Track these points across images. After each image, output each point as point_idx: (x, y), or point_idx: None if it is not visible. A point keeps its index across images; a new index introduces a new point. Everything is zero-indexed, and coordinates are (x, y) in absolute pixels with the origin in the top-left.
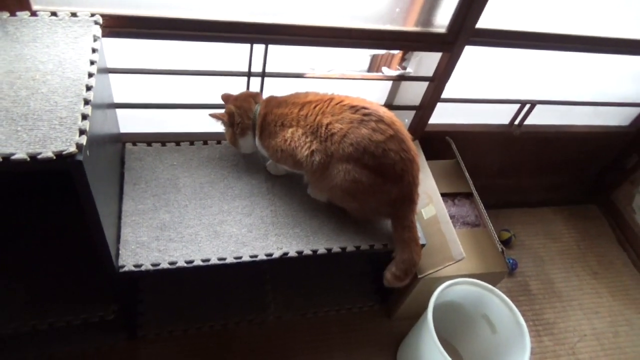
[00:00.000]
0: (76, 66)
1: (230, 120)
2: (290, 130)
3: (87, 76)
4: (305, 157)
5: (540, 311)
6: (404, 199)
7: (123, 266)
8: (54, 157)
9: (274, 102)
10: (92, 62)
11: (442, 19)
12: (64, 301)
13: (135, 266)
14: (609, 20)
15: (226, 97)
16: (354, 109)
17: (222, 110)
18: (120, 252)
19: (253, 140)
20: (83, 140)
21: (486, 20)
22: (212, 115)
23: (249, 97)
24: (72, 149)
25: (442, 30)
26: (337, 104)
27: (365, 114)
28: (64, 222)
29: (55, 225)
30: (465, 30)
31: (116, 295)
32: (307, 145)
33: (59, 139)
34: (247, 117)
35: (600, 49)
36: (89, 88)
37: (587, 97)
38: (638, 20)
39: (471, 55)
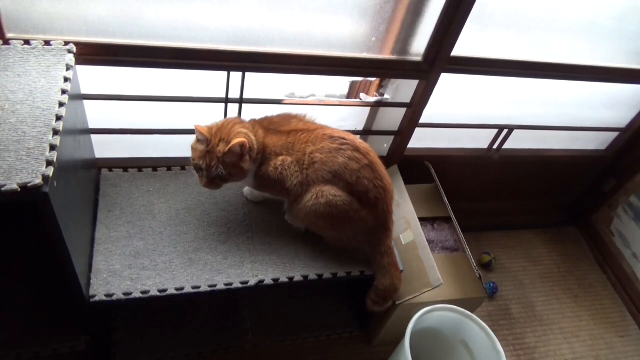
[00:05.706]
0: (47, 95)
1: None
2: (280, 158)
3: (57, 105)
4: (295, 185)
5: (521, 335)
6: (379, 226)
7: (94, 296)
8: (19, 189)
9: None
10: (63, 91)
11: (418, 48)
12: (32, 331)
13: (107, 296)
14: (583, 49)
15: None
16: (333, 139)
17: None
18: (91, 281)
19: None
20: (50, 171)
21: (461, 49)
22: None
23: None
24: (38, 180)
25: (418, 58)
26: (319, 134)
27: (342, 144)
28: (33, 248)
29: (24, 251)
30: (440, 59)
31: (88, 325)
32: (296, 174)
33: (25, 170)
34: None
35: (574, 76)
36: (59, 118)
37: (564, 122)
38: (610, 49)
39: (449, 81)
